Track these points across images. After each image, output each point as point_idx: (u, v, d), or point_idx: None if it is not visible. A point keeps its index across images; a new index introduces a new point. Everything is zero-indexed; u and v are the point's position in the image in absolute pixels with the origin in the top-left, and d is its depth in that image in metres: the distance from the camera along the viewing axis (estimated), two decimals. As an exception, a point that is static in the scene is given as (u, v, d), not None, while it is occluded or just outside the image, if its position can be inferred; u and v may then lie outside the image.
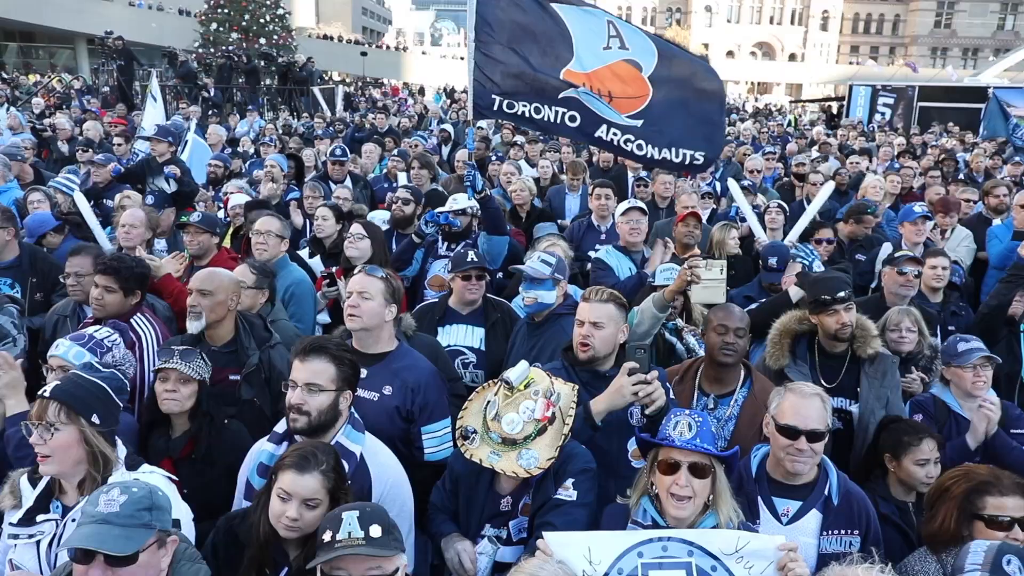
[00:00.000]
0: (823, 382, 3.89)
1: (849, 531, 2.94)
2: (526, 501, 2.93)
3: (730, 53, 76.04)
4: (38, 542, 2.63)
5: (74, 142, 11.41)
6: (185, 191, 7.69)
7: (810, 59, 76.43)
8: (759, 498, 3.00)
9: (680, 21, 79.04)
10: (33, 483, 2.72)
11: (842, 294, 3.98)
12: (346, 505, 2.39)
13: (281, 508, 2.51)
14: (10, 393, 3.20)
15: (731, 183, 7.01)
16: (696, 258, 4.56)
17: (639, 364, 3.16)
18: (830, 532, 2.94)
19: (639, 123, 5.45)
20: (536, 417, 2.84)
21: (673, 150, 5.44)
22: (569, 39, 5.40)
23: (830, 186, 6.85)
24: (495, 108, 5.48)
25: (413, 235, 5.72)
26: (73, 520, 2.60)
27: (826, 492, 2.99)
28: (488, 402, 2.95)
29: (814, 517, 2.97)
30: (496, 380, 3.03)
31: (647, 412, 3.09)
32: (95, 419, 2.61)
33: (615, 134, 5.43)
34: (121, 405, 2.80)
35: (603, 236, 6.52)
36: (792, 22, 78.65)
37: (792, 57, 77.52)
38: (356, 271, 3.71)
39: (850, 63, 70.67)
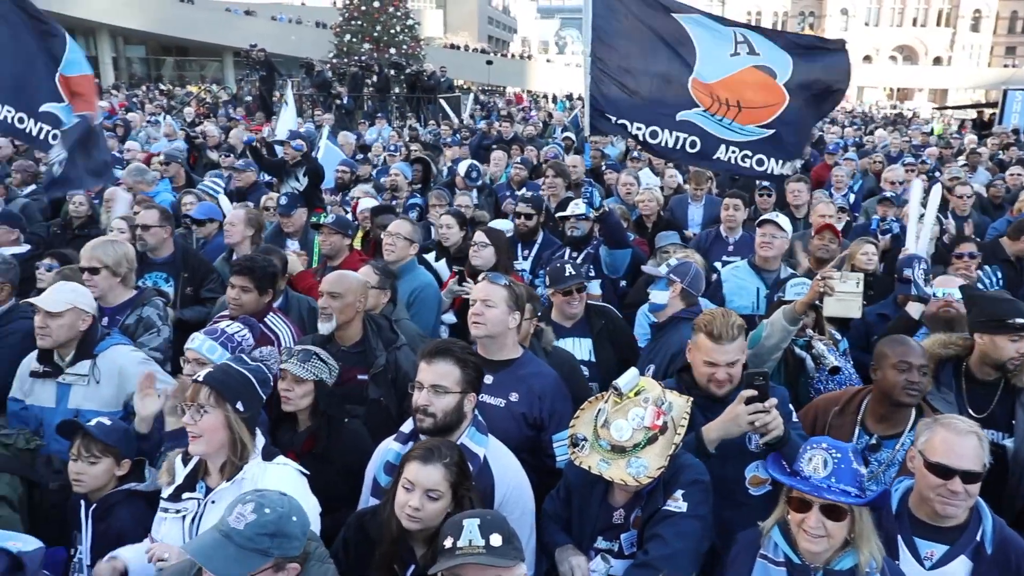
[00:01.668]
0: (971, 412, 3.58)
1: None
2: (638, 514, 2.87)
3: (867, 58, 72.38)
4: (183, 517, 2.80)
5: (220, 148, 12.19)
6: (312, 168, 8.09)
7: (958, 62, 71.70)
8: (899, 537, 2.78)
9: (813, 25, 75.91)
10: (185, 463, 2.90)
11: (1021, 320, 3.59)
12: (467, 512, 2.42)
13: (404, 498, 2.57)
14: (172, 414, 3.40)
15: (915, 184, 6.33)
16: (831, 269, 4.33)
17: (758, 391, 3.04)
18: None
19: (768, 132, 5.23)
20: (646, 425, 2.79)
21: (792, 163, 5.25)
22: (692, 48, 5.23)
23: (935, 191, 6.10)
24: (612, 125, 5.39)
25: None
26: (212, 502, 2.76)
27: (978, 538, 2.72)
28: (599, 410, 2.92)
29: (963, 565, 2.71)
30: (607, 390, 2.99)
31: (763, 442, 3.00)
32: (239, 406, 2.76)
33: (733, 152, 5.24)
34: (263, 397, 2.93)
35: (731, 248, 6.31)
36: (938, 23, 74.04)
37: (937, 61, 73.00)
38: (480, 278, 3.75)
39: (1004, 66, 65.77)
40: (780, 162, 5.31)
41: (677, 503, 2.77)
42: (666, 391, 2.93)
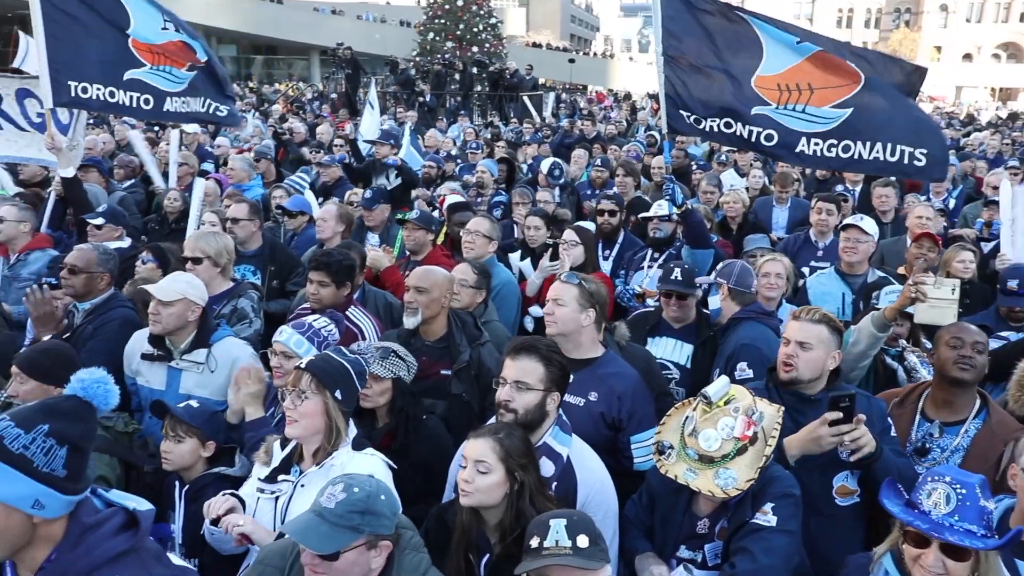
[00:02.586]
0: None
1: None
2: (723, 525, 2.80)
3: (967, 56, 69.06)
4: (276, 498, 2.89)
5: (307, 144, 12.53)
6: (407, 179, 8.25)
7: (1068, 61, 67.64)
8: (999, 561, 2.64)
9: (909, 23, 72.85)
10: (283, 447, 2.99)
11: None
12: (553, 512, 2.40)
13: (459, 474, 2.66)
14: (253, 403, 3.53)
15: (1004, 186, 5.94)
16: (925, 274, 4.15)
17: (843, 413, 2.95)
18: None
19: (847, 112, 4.87)
20: (735, 435, 2.71)
21: (890, 147, 4.73)
22: (758, 41, 5.05)
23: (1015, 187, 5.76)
24: (687, 123, 5.24)
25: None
26: (302, 485, 2.83)
27: None
28: (686, 417, 2.86)
29: None
30: (694, 397, 2.92)
31: (852, 459, 2.93)
32: (338, 394, 2.83)
33: (816, 144, 4.95)
34: (359, 388, 3.00)
35: (820, 253, 6.12)
36: (1048, 19, 69.98)
37: (1045, 59, 69.02)
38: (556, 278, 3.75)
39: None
40: (868, 145, 4.98)
41: (766, 516, 2.69)
42: (757, 400, 2.85)
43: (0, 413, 2.02)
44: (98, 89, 5.82)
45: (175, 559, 2.29)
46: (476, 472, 2.60)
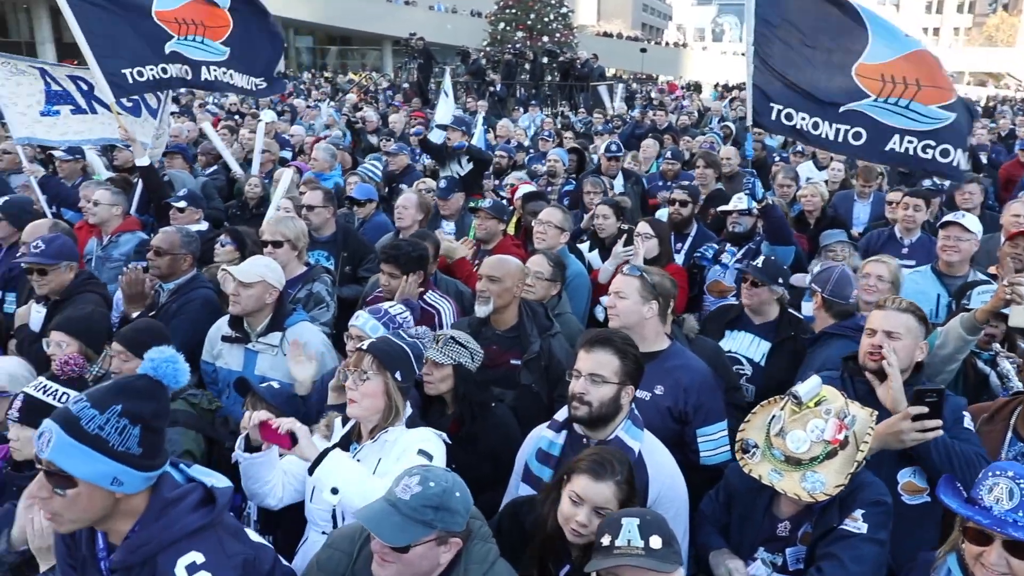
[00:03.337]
0: None
1: None
2: (807, 529, 2.71)
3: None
4: None
5: (379, 133, 12.71)
6: (477, 158, 8.26)
7: None
8: None
9: (1008, 6, 69.31)
10: (344, 424, 3.06)
11: None
12: (626, 510, 2.36)
13: (571, 511, 2.51)
14: (336, 391, 3.55)
15: None
16: (1021, 274, 3.93)
17: (930, 408, 2.85)
18: None
19: (952, 117, 4.74)
20: (826, 438, 2.61)
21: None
22: (864, 27, 4.86)
23: None
24: (773, 118, 5.11)
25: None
26: (358, 460, 2.86)
27: None
28: (773, 417, 2.77)
29: None
30: (782, 395, 2.84)
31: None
32: (398, 376, 2.87)
33: (910, 142, 4.80)
34: (417, 372, 3.04)
35: (905, 250, 5.83)
36: None
37: None
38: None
39: None
40: (966, 155, 4.82)
41: (856, 523, 2.59)
42: (849, 403, 2.74)
43: (91, 387, 2.11)
44: (151, 70, 6.01)
45: (252, 535, 2.35)
46: (595, 515, 2.49)
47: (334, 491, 2.64)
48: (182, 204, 5.77)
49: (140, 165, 6.18)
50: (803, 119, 4.97)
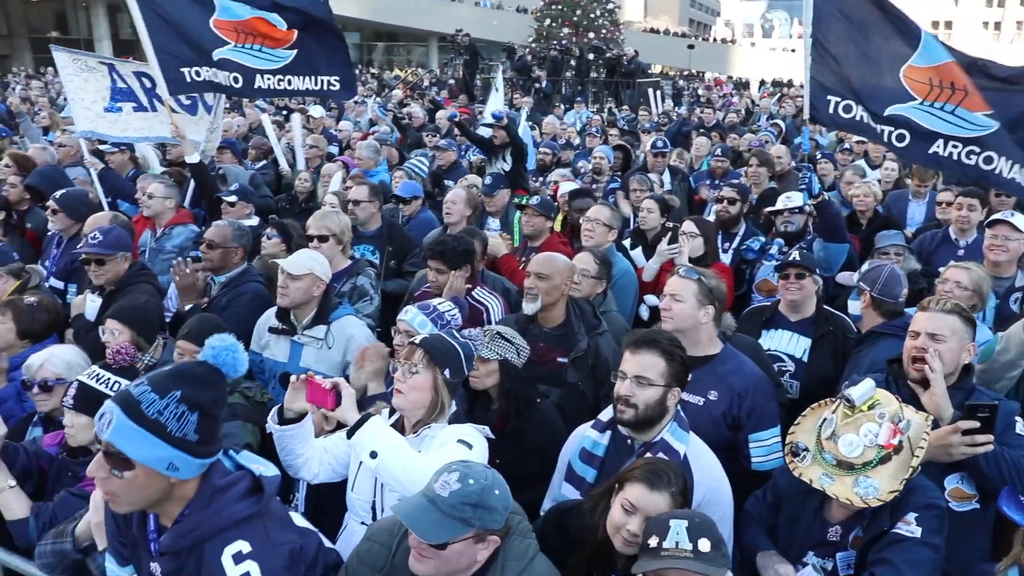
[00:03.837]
0: None
1: None
2: (857, 534, 2.65)
3: None
4: None
5: (425, 128, 12.77)
6: (517, 144, 8.21)
7: None
8: None
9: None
10: (391, 415, 3.06)
11: None
12: (674, 512, 2.33)
13: (623, 520, 2.47)
14: (375, 379, 3.62)
15: None
16: None
17: (982, 424, 2.76)
18: None
19: (997, 124, 4.65)
20: (880, 443, 2.55)
21: None
22: (916, 29, 4.82)
23: None
24: (830, 111, 5.03)
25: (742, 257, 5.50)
26: None
27: None
28: (824, 419, 2.72)
29: None
30: (833, 398, 2.79)
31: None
32: (447, 373, 2.88)
33: (954, 147, 4.73)
34: (467, 372, 3.04)
35: (961, 252, 5.66)
36: None
37: None
38: (674, 271, 3.65)
39: None
40: (1011, 164, 4.71)
41: (909, 527, 2.52)
42: (904, 407, 2.68)
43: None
44: (207, 71, 6.13)
45: (298, 519, 2.37)
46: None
47: (373, 455, 2.63)
48: (232, 199, 5.88)
49: (190, 162, 6.30)
50: (863, 112, 4.92)
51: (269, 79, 6.36)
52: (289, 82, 6.51)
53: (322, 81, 6.61)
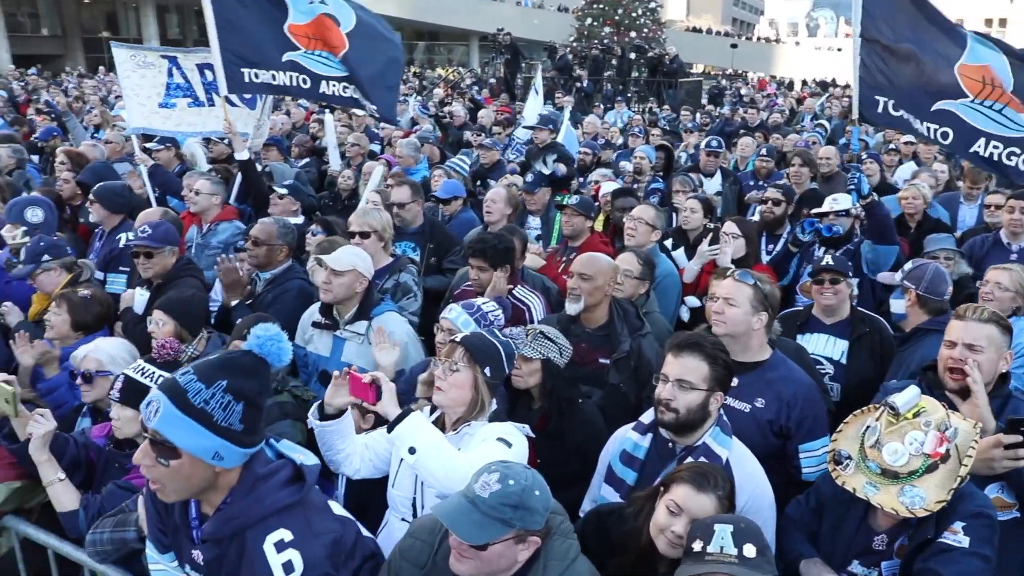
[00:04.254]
0: None
1: None
2: (903, 542, 2.60)
3: None
4: None
5: (467, 127, 12.81)
6: (566, 161, 8.11)
7: None
8: None
9: None
10: (432, 412, 3.08)
11: None
12: (720, 516, 2.30)
13: (668, 521, 2.44)
14: (424, 383, 3.54)
15: None
16: None
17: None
18: None
19: None
20: (926, 451, 2.50)
21: None
22: (961, 31, 4.81)
23: None
24: (879, 110, 4.99)
25: (789, 244, 5.39)
26: None
27: None
28: (867, 427, 2.67)
29: None
30: (878, 404, 2.73)
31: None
32: (487, 371, 2.89)
33: (996, 147, 4.69)
34: (507, 371, 3.05)
35: (1013, 256, 5.52)
36: None
37: None
38: (727, 274, 3.60)
39: None
40: None
41: (956, 536, 2.47)
42: (950, 415, 2.61)
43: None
44: (267, 73, 6.21)
45: (336, 508, 2.39)
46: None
47: (411, 451, 2.64)
48: (284, 191, 5.95)
49: (240, 159, 6.40)
50: (909, 109, 4.91)
51: (334, 86, 6.45)
52: (346, 89, 6.56)
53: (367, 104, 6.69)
